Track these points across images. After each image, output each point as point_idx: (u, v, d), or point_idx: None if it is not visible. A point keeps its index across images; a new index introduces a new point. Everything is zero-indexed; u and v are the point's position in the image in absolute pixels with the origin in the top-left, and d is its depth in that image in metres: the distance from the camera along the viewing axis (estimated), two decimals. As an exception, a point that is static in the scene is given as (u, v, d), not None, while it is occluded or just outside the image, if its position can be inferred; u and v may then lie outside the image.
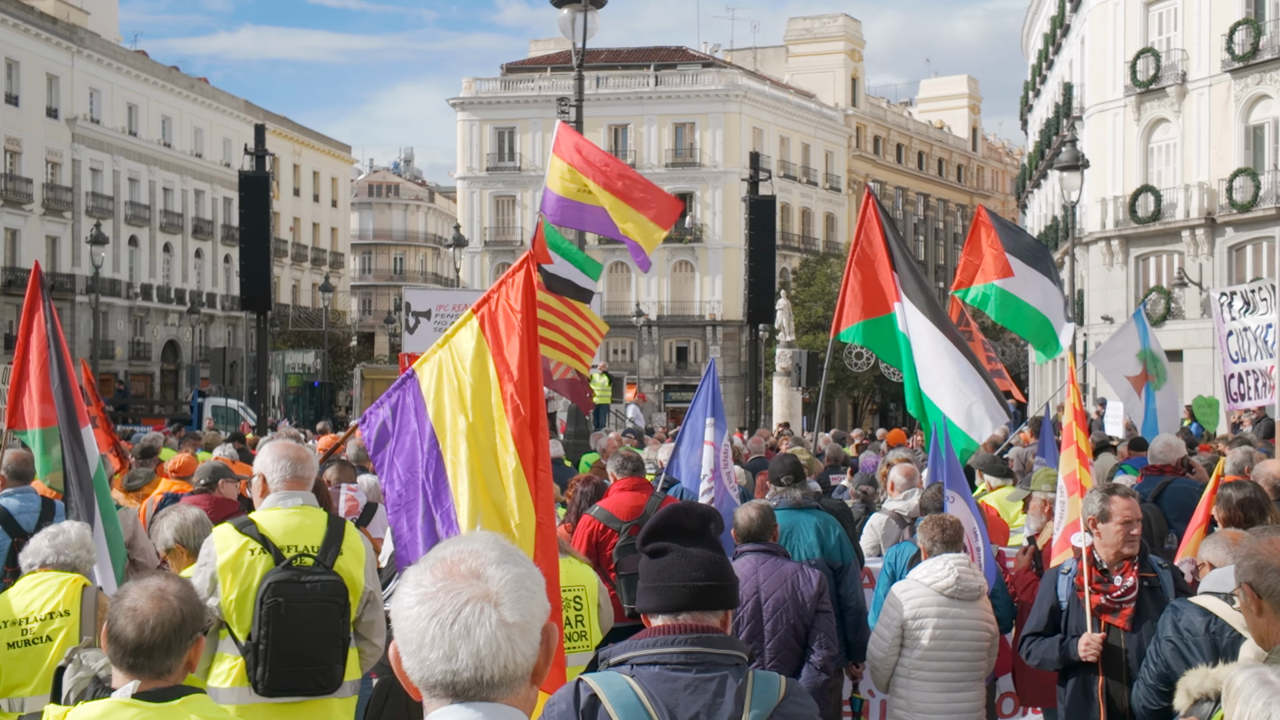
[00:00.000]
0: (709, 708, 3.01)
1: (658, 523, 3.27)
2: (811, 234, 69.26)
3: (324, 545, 5.19)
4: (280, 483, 5.35)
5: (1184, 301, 37.59)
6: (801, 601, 6.18)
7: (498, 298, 4.88)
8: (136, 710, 3.18)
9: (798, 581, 6.23)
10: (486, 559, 2.11)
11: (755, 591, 6.19)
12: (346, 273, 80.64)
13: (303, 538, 5.19)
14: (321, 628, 5.06)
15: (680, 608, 3.15)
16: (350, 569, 5.22)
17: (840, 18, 74.73)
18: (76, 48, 54.41)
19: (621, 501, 7.99)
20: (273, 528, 5.19)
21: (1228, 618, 4.51)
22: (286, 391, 51.19)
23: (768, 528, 6.44)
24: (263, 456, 5.51)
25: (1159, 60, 38.65)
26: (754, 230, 27.30)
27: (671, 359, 65.06)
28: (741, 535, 6.43)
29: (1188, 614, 4.66)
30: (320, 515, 5.33)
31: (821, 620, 6.21)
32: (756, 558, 6.31)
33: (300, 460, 5.39)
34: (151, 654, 3.32)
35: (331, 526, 5.28)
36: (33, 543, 5.52)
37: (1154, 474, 9.14)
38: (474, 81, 67.46)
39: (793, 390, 33.44)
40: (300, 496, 5.33)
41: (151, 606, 3.35)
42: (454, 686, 2.06)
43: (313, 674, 5.10)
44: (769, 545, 6.39)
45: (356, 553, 5.28)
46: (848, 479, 12.73)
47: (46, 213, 52.85)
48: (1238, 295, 13.19)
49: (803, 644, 6.21)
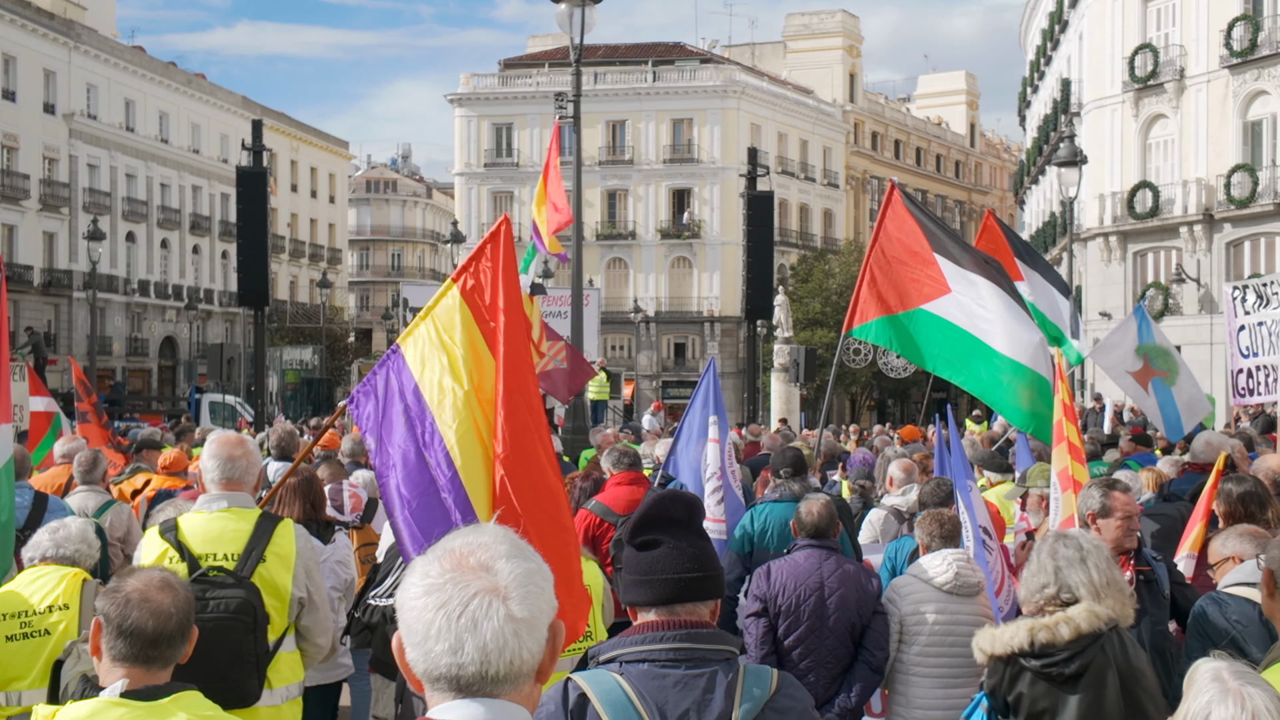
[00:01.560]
0: (699, 704, 2.97)
1: (646, 514, 3.21)
2: (809, 230, 69.25)
3: (244, 552, 4.90)
4: (211, 483, 5.10)
5: (1182, 298, 37.60)
6: (864, 601, 6.20)
7: (477, 264, 4.86)
8: (125, 710, 3.15)
9: (861, 580, 6.26)
10: (496, 552, 2.07)
11: (819, 587, 6.17)
12: (344, 269, 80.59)
13: (223, 544, 4.92)
14: (224, 646, 4.71)
15: (672, 600, 3.10)
16: (274, 576, 4.95)
17: (838, 14, 74.71)
18: (73, 43, 54.32)
19: (618, 496, 8.00)
20: (193, 534, 4.93)
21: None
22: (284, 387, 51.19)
23: (832, 523, 6.41)
24: (202, 454, 5.29)
25: (1157, 56, 38.64)
26: (752, 226, 27.29)
27: (669, 355, 65.04)
28: (806, 530, 6.38)
29: (1236, 606, 4.57)
30: (249, 518, 5.02)
31: (878, 621, 6.21)
32: (820, 553, 6.28)
33: (232, 459, 5.10)
34: (172, 643, 3.33)
35: (258, 531, 4.97)
36: (34, 537, 5.52)
37: (1195, 472, 9.03)
38: (472, 77, 67.40)
39: (790, 386, 33.44)
40: (229, 499, 5.05)
41: (166, 597, 3.35)
42: (458, 681, 2.03)
43: (221, 691, 4.63)
44: (831, 541, 6.36)
45: (284, 557, 4.99)
46: (840, 474, 12.73)
47: (43, 209, 52.79)
48: (1250, 289, 13.05)
49: (856, 643, 6.22)
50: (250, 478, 5.18)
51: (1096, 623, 4.45)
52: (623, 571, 3.25)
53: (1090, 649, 4.42)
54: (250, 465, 5.17)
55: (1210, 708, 2.66)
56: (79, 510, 7.80)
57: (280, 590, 4.97)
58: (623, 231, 64.60)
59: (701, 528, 3.27)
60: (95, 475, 8.63)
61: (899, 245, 9.30)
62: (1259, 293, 12.58)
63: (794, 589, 6.17)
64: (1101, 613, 4.49)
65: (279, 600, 4.97)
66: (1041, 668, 4.45)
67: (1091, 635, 4.44)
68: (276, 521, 5.08)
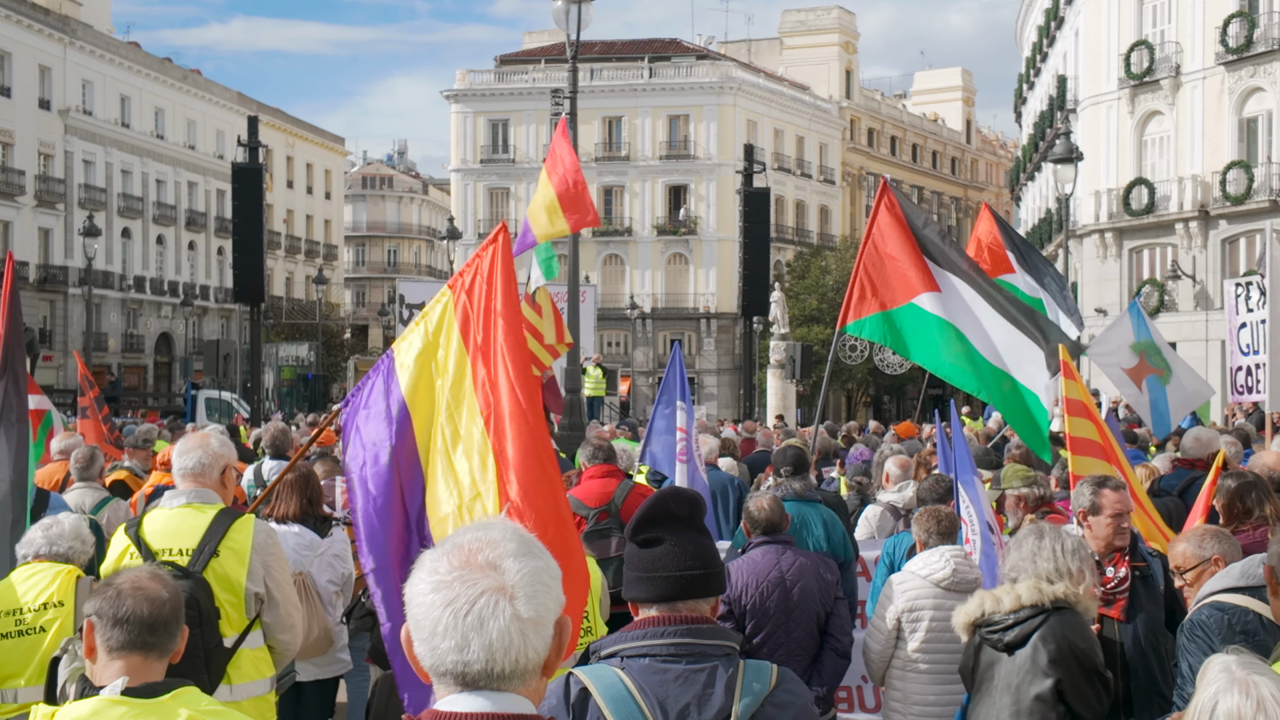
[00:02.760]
0: (699, 699, 3.00)
1: (648, 511, 3.23)
2: (806, 226, 69.25)
3: (198, 547, 4.92)
4: (177, 478, 5.16)
5: (1177, 294, 37.65)
6: (825, 589, 6.28)
7: (472, 272, 4.86)
8: (126, 708, 3.14)
9: (819, 570, 6.32)
10: (505, 550, 2.08)
11: (780, 581, 6.20)
12: (340, 265, 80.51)
13: (180, 539, 4.94)
14: None
15: (674, 598, 3.13)
16: (228, 570, 4.93)
17: (834, 10, 74.71)
18: (69, 39, 54.23)
19: (590, 489, 8.05)
20: (153, 530, 4.98)
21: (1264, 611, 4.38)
22: (280, 384, 51.20)
23: (783, 518, 6.45)
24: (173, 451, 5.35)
25: (1153, 53, 38.67)
26: (748, 223, 27.28)
27: (666, 351, 65.02)
28: (760, 527, 6.40)
29: (1242, 616, 4.43)
30: (208, 512, 5.04)
31: (840, 607, 6.32)
32: (776, 549, 6.31)
33: (188, 453, 5.16)
34: (168, 629, 3.37)
35: (214, 525, 4.98)
36: (28, 534, 5.51)
37: (1184, 468, 9.09)
38: (468, 73, 67.34)
39: (787, 383, 33.45)
40: (188, 495, 5.09)
41: (156, 585, 3.41)
42: (464, 677, 2.05)
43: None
44: (784, 535, 6.40)
45: (239, 552, 4.97)
46: (837, 471, 12.73)
47: (39, 205, 52.70)
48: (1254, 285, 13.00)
49: (821, 632, 6.29)
50: (213, 471, 5.19)
51: (1040, 597, 4.77)
52: (625, 568, 3.28)
53: (1031, 621, 4.75)
54: (213, 460, 5.20)
55: (1218, 697, 2.68)
56: (76, 507, 7.80)
57: (234, 585, 4.95)
58: (619, 228, 64.56)
59: (703, 525, 3.28)
60: (92, 472, 8.63)
61: (891, 242, 9.36)
62: (1262, 289, 12.52)
63: (756, 587, 6.21)
64: (1047, 590, 4.79)
65: (233, 595, 4.95)
66: (986, 634, 4.87)
67: (1033, 608, 4.76)
68: (235, 516, 5.08)
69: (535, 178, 15.20)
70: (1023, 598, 4.81)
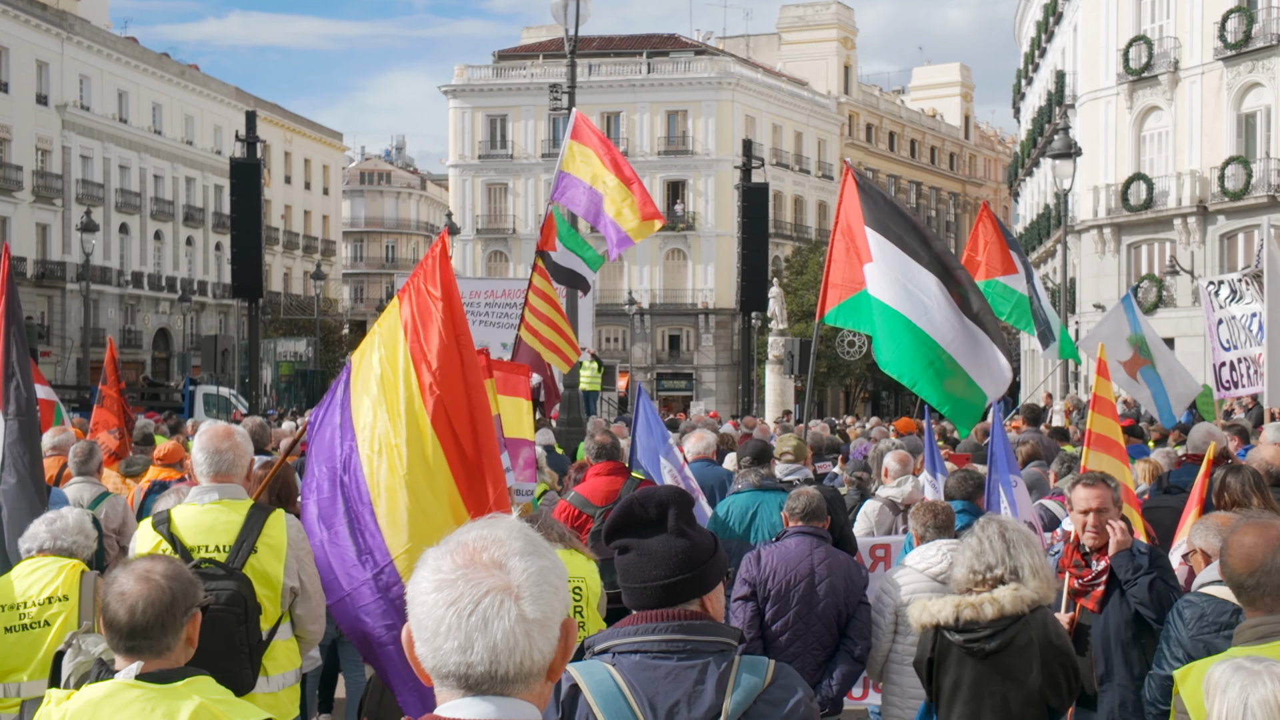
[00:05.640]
0: (689, 696, 2.95)
1: (614, 520, 3.14)
2: (804, 222, 69.25)
3: (236, 544, 4.95)
4: (203, 476, 5.16)
5: (1175, 290, 37.66)
6: (852, 590, 6.27)
7: (416, 281, 4.88)
8: (140, 691, 3.18)
9: (850, 570, 6.32)
10: (510, 549, 2.02)
11: (810, 573, 6.21)
12: (338, 260, 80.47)
13: (214, 536, 4.97)
14: (216, 637, 4.67)
15: (647, 607, 3.06)
16: (266, 567, 4.99)
17: (833, 5, 74.64)
18: (66, 34, 54.15)
19: (596, 487, 7.96)
20: (185, 526, 4.98)
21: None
22: (278, 379, 51.20)
23: (822, 510, 6.43)
24: (193, 447, 5.33)
25: (1151, 48, 38.66)
26: (747, 218, 27.25)
27: (664, 347, 65.04)
28: (799, 514, 6.40)
29: (1218, 608, 4.49)
30: (240, 509, 5.07)
31: (862, 611, 6.28)
32: (810, 540, 6.31)
33: (219, 451, 5.15)
34: (148, 634, 3.34)
35: (249, 522, 5.02)
36: (31, 528, 5.52)
37: (1193, 463, 9.02)
38: (466, 68, 67.27)
39: (785, 379, 33.46)
40: (220, 490, 5.10)
41: (140, 589, 3.36)
42: (467, 679, 1.98)
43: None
44: (821, 529, 6.39)
45: (275, 548, 5.03)
46: (839, 466, 12.74)
47: (37, 200, 52.64)
48: (1225, 284, 13.22)
49: (840, 633, 6.28)
50: (240, 469, 5.21)
51: (1021, 605, 4.90)
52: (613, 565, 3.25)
53: (1012, 628, 4.89)
54: (239, 457, 5.21)
55: (1246, 693, 2.70)
56: (74, 501, 7.79)
57: (272, 580, 5.00)
58: (617, 223, 64.46)
59: (680, 522, 3.09)
60: (90, 466, 8.62)
61: (849, 226, 9.35)
62: (1233, 288, 12.74)
63: (784, 574, 6.21)
64: (1026, 595, 4.92)
65: (271, 590, 5.00)
66: (964, 642, 4.95)
67: (1014, 616, 4.89)
68: (268, 512, 5.11)
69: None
70: (1006, 608, 4.89)
